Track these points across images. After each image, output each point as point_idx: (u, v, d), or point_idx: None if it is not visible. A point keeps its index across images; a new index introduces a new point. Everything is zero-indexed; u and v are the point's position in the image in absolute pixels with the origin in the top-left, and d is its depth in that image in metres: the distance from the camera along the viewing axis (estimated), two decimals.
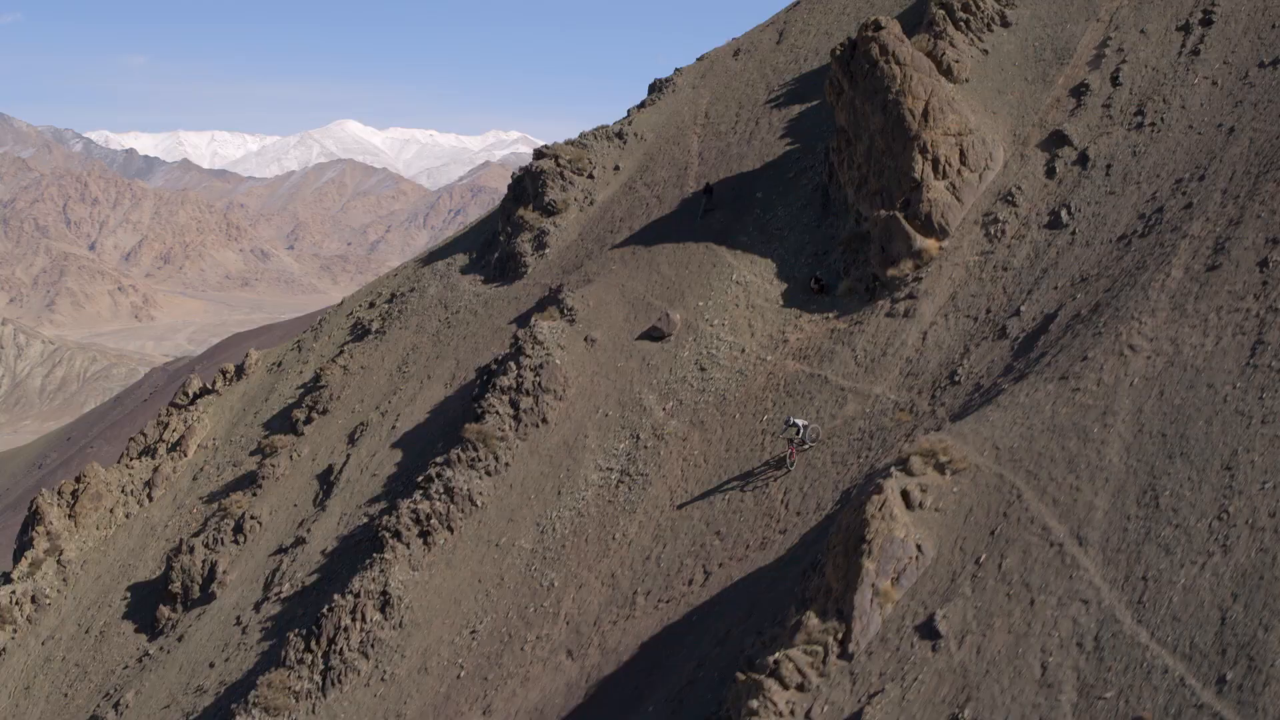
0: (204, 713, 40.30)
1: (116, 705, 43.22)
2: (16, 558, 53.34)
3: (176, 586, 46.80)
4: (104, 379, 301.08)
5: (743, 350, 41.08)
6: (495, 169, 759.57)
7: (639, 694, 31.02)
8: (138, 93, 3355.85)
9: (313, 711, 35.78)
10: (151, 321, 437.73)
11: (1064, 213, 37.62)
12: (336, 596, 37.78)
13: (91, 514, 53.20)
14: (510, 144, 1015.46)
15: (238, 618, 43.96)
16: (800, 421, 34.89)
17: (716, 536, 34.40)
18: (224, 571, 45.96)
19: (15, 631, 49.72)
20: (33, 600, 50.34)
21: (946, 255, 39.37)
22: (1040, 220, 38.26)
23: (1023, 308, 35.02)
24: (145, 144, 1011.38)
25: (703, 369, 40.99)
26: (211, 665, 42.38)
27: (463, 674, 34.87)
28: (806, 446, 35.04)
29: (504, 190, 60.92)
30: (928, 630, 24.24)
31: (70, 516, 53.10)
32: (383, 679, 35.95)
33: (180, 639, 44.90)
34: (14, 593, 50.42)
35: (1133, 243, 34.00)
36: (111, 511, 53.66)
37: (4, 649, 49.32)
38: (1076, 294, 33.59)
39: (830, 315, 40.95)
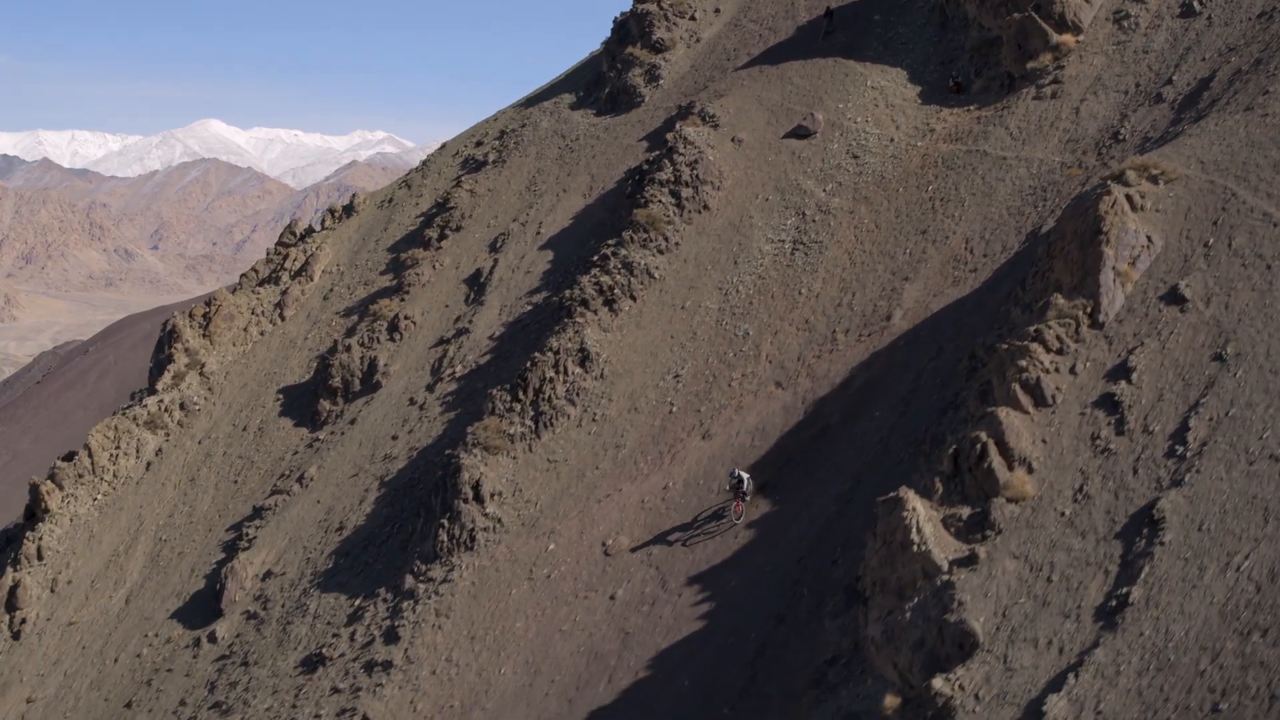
0: (398, 474, 42.80)
1: (300, 479, 45.59)
2: (153, 375, 55.35)
3: (336, 382, 49.14)
4: None
5: (892, 139, 44.10)
6: (362, 168, 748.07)
7: (859, 406, 34.08)
8: None
9: (530, 450, 38.49)
10: (14, 322, 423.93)
11: (1195, 3, 41.01)
12: (536, 354, 40.38)
13: (226, 333, 55.23)
14: (376, 144, 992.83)
15: (411, 398, 46.40)
16: (746, 474, 33.15)
17: (905, 281, 37.51)
18: (385, 364, 48.37)
19: (168, 435, 51.82)
20: (181, 407, 52.41)
21: (1084, 47, 42.58)
22: (1172, 12, 41.53)
23: (1174, 77, 38.37)
24: (4, 143, 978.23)
25: (855, 156, 43.94)
26: (395, 438, 44.78)
27: (674, 410, 37.72)
28: (748, 499, 33.10)
29: (372, 188, 63.02)
30: (1173, 297, 27.50)
31: (205, 335, 55.12)
32: (594, 420, 38.68)
33: (352, 422, 47.29)
34: (162, 401, 52.49)
35: (1275, 16, 37.46)
36: (245, 330, 55.70)
37: (160, 449, 51.44)
38: (1230, 58, 36.98)
39: (972, 108, 44.02)
